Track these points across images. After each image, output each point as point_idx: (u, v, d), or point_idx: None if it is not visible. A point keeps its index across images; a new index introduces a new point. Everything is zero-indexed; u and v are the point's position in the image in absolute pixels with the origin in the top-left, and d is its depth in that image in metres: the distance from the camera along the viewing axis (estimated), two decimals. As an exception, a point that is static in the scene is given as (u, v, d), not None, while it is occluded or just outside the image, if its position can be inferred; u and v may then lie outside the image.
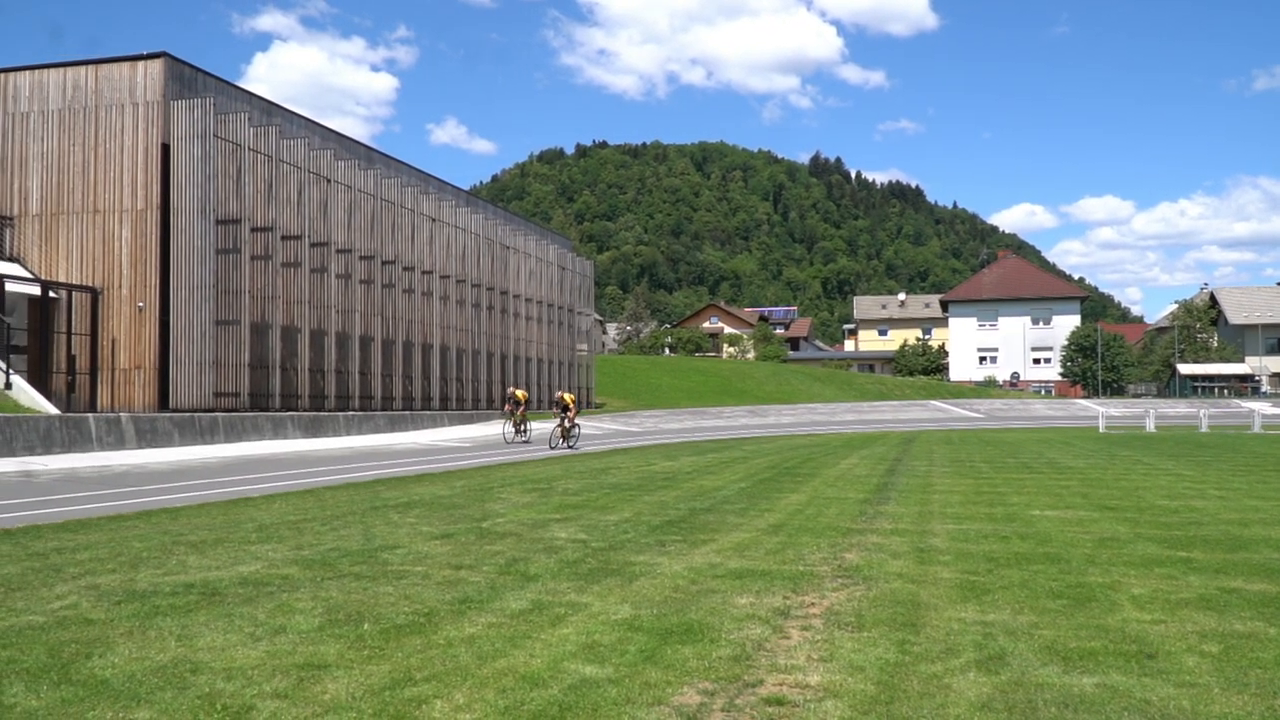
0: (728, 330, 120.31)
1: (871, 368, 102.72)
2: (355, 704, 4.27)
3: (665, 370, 76.47)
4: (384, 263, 37.72)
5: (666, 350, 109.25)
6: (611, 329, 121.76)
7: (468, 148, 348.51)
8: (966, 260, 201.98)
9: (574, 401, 28.21)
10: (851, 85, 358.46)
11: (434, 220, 41.53)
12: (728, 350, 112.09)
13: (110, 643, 5.25)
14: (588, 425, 41.08)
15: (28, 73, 30.50)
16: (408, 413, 37.19)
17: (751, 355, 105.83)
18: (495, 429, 37.00)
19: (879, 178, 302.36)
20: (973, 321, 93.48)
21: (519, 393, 31.66)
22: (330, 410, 33.35)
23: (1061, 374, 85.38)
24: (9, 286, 27.32)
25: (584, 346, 58.69)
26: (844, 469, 18.42)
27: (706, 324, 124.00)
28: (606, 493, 13.70)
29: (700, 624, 5.72)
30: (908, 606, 6.22)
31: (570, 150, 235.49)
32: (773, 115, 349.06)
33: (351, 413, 33.56)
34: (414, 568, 7.56)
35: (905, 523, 10.36)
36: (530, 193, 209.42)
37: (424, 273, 40.65)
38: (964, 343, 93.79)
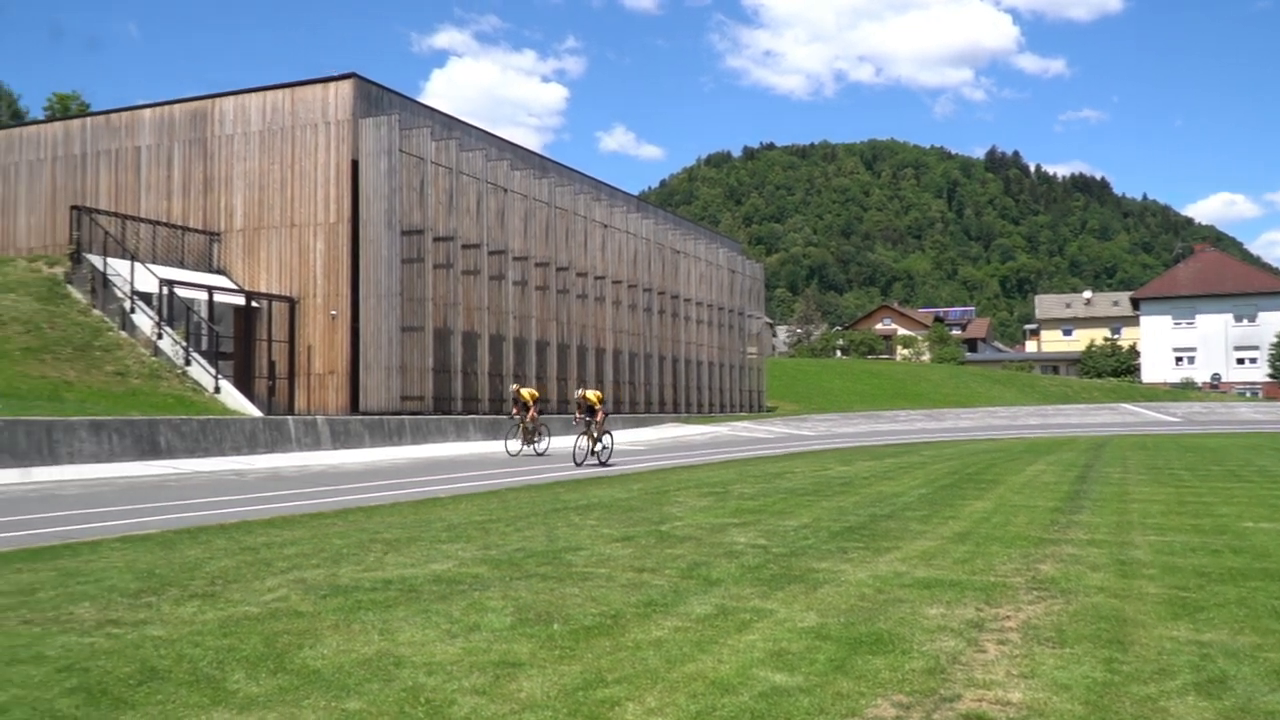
0: (901, 332, 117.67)
1: (1055, 369, 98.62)
2: (550, 703, 4.36)
3: (837, 373, 75.41)
4: (558, 269, 38.53)
5: (838, 353, 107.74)
6: (781, 331, 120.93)
7: (636, 154, 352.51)
8: (1159, 255, 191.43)
9: (601, 401, 21.87)
10: (1029, 75, 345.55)
11: (605, 226, 42.17)
12: (902, 352, 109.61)
13: (319, 635, 5.52)
14: (759, 429, 40.91)
15: (231, 98, 32.55)
16: (582, 416, 37.80)
17: (927, 357, 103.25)
18: (668, 432, 37.24)
19: (1060, 171, 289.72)
20: (1167, 320, 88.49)
21: (525, 391, 25.25)
22: (509, 413, 34.21)
23: (1270, 375, 79.80)
24: (218, 297, 29.21)
25: (754, 349, 58.46)
26: (1030, 475, 17.73)
27: (879, 325, 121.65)
28: (783, 497, 13.59)
29: (890, 634, 5.60)
30: (1112, 622, 5.92)
31: (737, 153, 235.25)
32: (945, 110, 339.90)
33: (529, 416, 34.33)
34: (598, 570, 7.68)
35: (1102, 533, 9.89)
36: (698, 197, 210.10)
37: (596, 278, 41.33)
38: (1157, 342, 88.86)
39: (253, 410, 25.37)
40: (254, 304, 30.68)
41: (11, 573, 7.29)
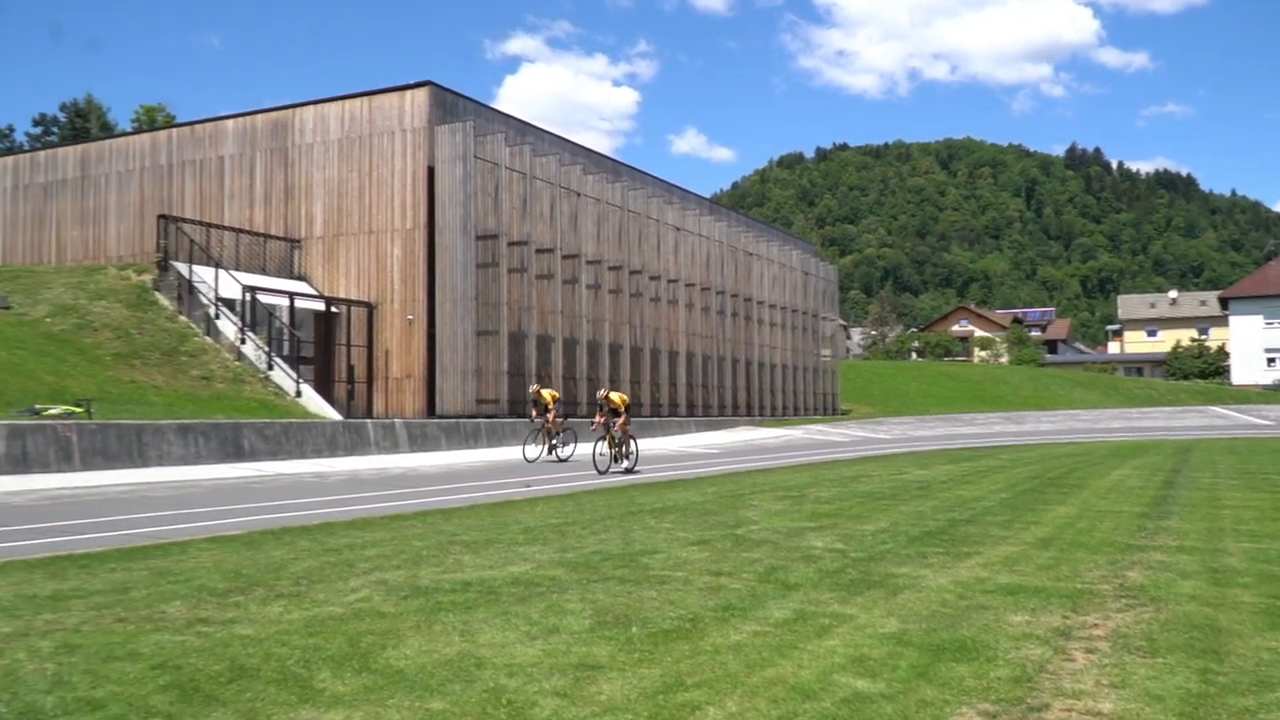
0: (979, 333, 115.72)
1: (1139, 371, 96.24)
2: (630, 706, 4.36)
3: (913, 375, 74.45)
4: (631, 272, 38.63)
5: (913, 355, 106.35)
6: (856, 334, 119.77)
7: (707, 156, 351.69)
8: (1249, 253, 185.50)
9: (625, 404, 20.31)
10: (1110, 70, 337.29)
11: (678, 229, 42.18)
12: (979, 354, 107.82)
13: (401, 635, 5.59)
14: (834, 432, 40.56)
15: (311, 107, 33.22)
16: (656, 419, 37.89)
17: (1005, 359, 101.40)
18: (742, 435, 37.12)
19: (1143, 167, 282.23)
20: (1258, 320, 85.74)
21: (546, 392, 23.40)
22: (584, 416, 34.37)
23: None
24: (298, 303, 29.83)
25: (828, 352, 57.99)
26: (1115, 480, 17.31)
27: (956, 327, 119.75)
28: (860, 501, 13.44)
29: (974, 641, 5.50)
30: (1206, 631, 5.75)
31: (810, 154, 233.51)
32: (1023, 107, 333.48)
33: (602, 419, 34.49)
34: (674, 573, 7.67)
35: (1192, 539, 9.61)
36: (770, 198, 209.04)
37: (669, 281, 41.35)
38: (1248, 343, 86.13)
39: (332, 414, 25.83)
40: (333, 309, 31.26)
41: (106, 571, 7.51)
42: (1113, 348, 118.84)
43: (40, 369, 22.70)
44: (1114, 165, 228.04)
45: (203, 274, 28.59)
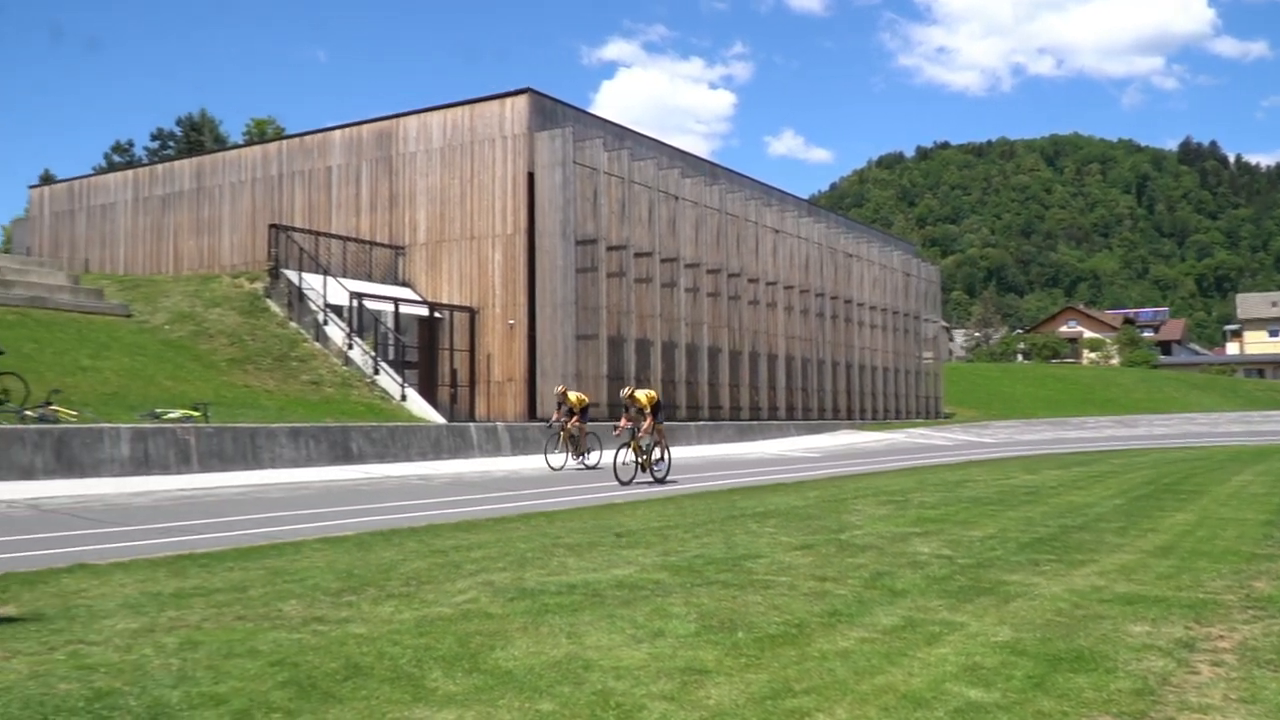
0: (1087, 334, 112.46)
1: (1261, 373, 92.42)
2: (739, 711, 4.34)
3: (1018, 378, 72.73)
4: (729, 275, 38.53)
5: (1019, 357, 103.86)
6: (959, 336, 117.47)
7: (804, 158, 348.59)
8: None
9: (653, 403, 18.00)
10: (1226, 60, 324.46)
11: (776, 231, 41.94)
12: (1088, 356, 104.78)
13: (509, 636, 5.66)
14: (937, 435, 39.83)
15: (414, 117, 33.92)
16: (755, 422, 37.72)
17: (1116, 361, 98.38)
18: (842, 439, 36.72)
19: (1264, 160, 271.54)
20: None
21: (573, 395, 21.84)
22: (682, 420, 34.42)
23: None
24: (403, 309, 30.47)
25: (930, 354, 56.99)
26: (1236, 486, 16.64)
27: (1063, 328, 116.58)
28: (966, 506, 13.17)
29: (1092, 652, 5.34)
30: (1341, 645, 5.49)
31: (910, 153, 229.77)
32: (1133, 100, 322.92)
33: (702, 422, 34.50)
34: (778, 578, 7.61)
35: (1322, 548, 9.19)
36: (869, 199, 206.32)
37: (768, 284, 41.13)
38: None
39: (437, 417, 26.30)
40: (436, 314, 31.85)
41: (225, 570, 7.76)
42: (1231, 348, 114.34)
43: (160, 374, 23.59)
44: (1231, 159, 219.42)
45: (312, 281, 29.38)
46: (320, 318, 28.66)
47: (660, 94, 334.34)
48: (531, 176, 31.43)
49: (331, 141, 36.04)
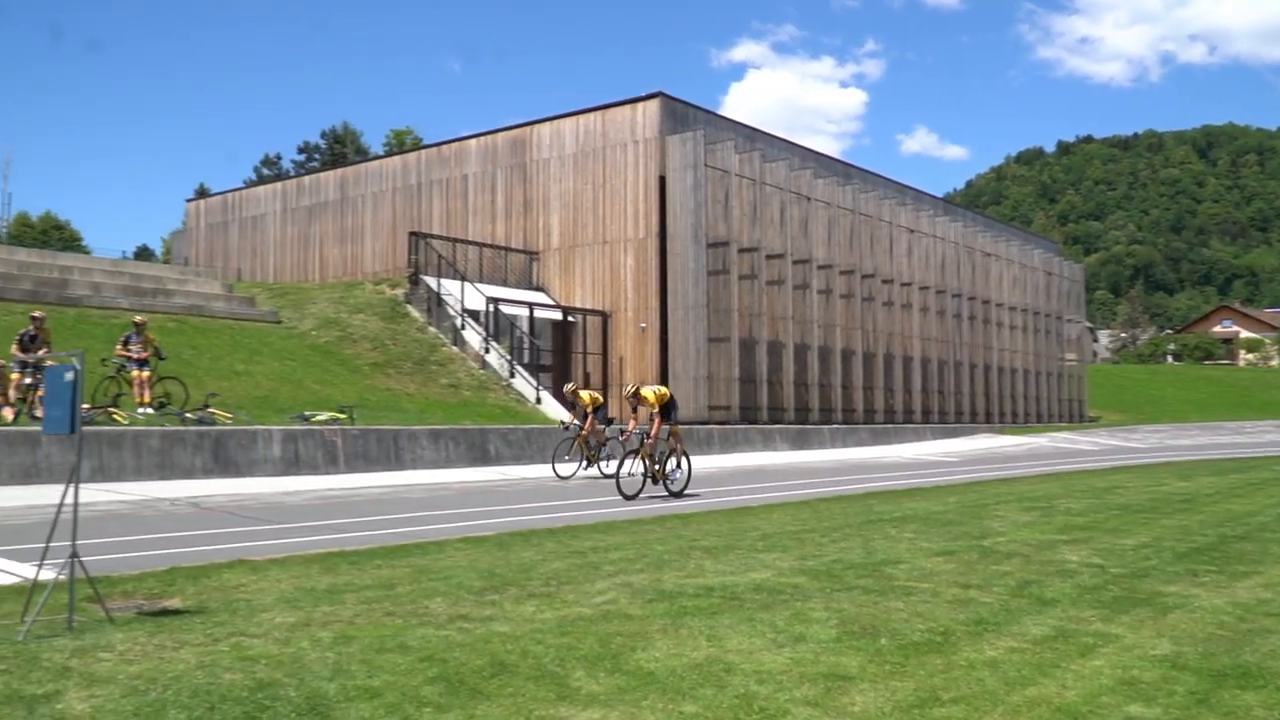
0: (1244, 334, 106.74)
1: None
2: (884, 718, 4.27)
3: (1168, 380, 69.63)
4: (863, 276, 37.95)
5: (1169, 358, 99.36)
6: (1103, 336, 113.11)
7: (939, 155, 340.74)
8: None
9: (664, 402, 15.90)
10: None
11: (911, 231, 41.13)
12: (1245, 357, 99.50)
13: (649, 638, 5.69)
14: (1082, 440, 38.43)
15: (547, 124, 34.47)
16: (890, 426, 37.06)
17: (1276, 362, 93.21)
18: (981, 443, 35.78)
19: None
20: None
21: (586, 394, 20.03)
22: (815, 423, 34.07)
23: None
24: (537, 313, 30.99)
25: (1073, 356, 55.01)
26: None
27: (1217, 328, 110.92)
28: (1116, 514, 12.68)
29: (1259, 668, 5.07)
30: None
31: (1050, 148, 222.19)
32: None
33: (835, 425, 34.08)
34: (920, 584, 7.46)
35: None
36: (1007, 196, 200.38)
37: (902, 284, 40.37)
38: None
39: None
40: (570, 318, 32.27)
41: (373, 568, 8.02)
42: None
43: (308, 378, 24.52)
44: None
45: (449, 287, 30.12)
46: (458, 322, 29.36)
47: (790, 94, 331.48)
48: (663, 180, 31.57)
49: (468, 150, 36.90)
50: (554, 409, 27.11)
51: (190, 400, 18.79)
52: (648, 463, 15.42)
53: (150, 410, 17.98)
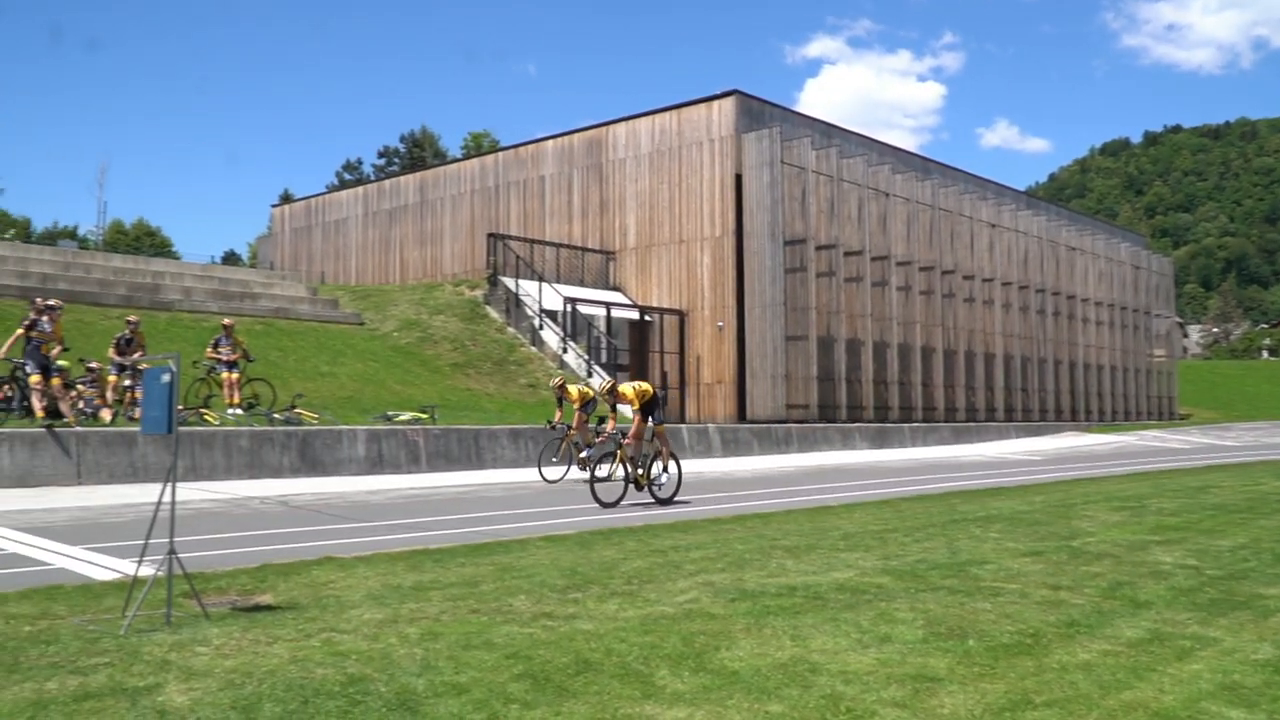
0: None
1: None
2: (975, 722, 4.20)
3: (1263, 376, 67.43)
4: (943, 272, 37.41)
5: (1264, 354, 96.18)
6: (1194, 332, 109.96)
7: (1020, 148, 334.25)
8: None
9: (645, 400, 14.24)
10: None
11: (993, 226, 40.42)
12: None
13: (732, 637, 5.67)
14: (1172, 438, 37.40)
15: (623, 124, 34.58)
16: (972, 424, 36.46)
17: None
18: (1066, 441, 35.05)
19: None
20: None
21: (574, 389, 17.67)
22: (895, 421, 33.67)
23: None
24: (614, 313, 31.10)
25: (1162, 352, 53.56)
26: None
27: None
28: (1210, 514, 12.30)
29: (1371, 674, 4.88)
30: None
31: (1137, 139, 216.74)
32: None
33: (915, 424, 33.64)
34: (1008, 585, 7.32)
35: None
36: (1092, 189, 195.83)
37: (984, 280, 39.70)
38: None
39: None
40: (646, 318, 32.33)
41: (457, 566, 8.12)
42: None
43: (390, 379, 24.94)
44: None
45: (527, 287, 30.39)
46: (536, 322, 29.60)
47: (866, 89, 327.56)
48: (739, 178, 31.47)
49: (544, 151, 37.19)
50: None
51: (278, 401, 19.23)
52: (629, 467, 13.84)
53: (240, 411, 18.43)
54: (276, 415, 18.44)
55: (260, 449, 16.44)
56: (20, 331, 15.40)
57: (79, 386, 16.71)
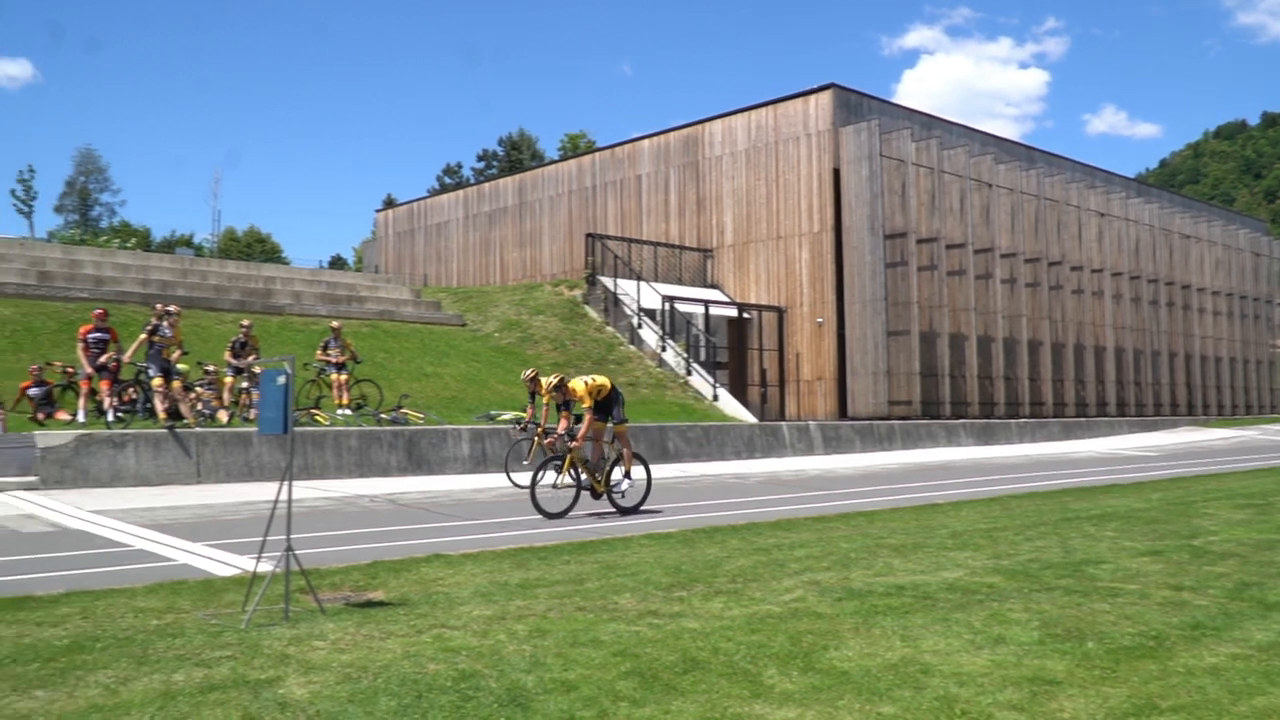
0: None
1: None
2: (1097, 727, 4.08)
3: (1397, 366, 64.00)
4: (1050, 264, 36.45)
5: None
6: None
7: (1129, 134, 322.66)
8: None
9: (601, 397, 12.50)
10: None
11: (1101, 215, 39.23)
12: None
13: (840, 637, 5.60)
14: (1298, 432, 35.81)
15: (719, 121, 34.48)
16: (1082, 419, 35.45)
17: None
18: (1183, 436, 33.86)
19: None
20: None
21: (545, 380, 13.65)
22: (1001, 418, 32.93)
23: None
24: (712, 310, 31.04)
25: (1287, 342, 51.31)
26: None
27: None
28: (1343, 512, 11.73)
29: None
30: None
31: (1254, 120, 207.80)
32: None
33: (1022, 420, 32.85)
34: (1126, 585, 7.09)
35: None
36: (1206, 174, 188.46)
37: (1093, 271, 38.57)
38: None
39: (748, 417, 26.56)
40: (745, 315, 32.19)
41: (562, 563, 8.19)
42: None
43: (492, 379, 25.28)
44: None
45: (625, 286, 30.51)
46: (634, 321, 29.70)
47: (966, 78, 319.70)
48: (837, 173, 31.12)
49: (640, 151, 37.29)
50: (731, 406, 27.11)
51: (385, 401, 19.65)
52: (576, 473, 12.27)
53: (348, 411, 18.89)
54: (384, 415, 18.84)
55: (369, 448, 16.83)
56: (143, 337, 16.03)
57: (198, 389, 17.31)
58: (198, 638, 5.58)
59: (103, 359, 16.23)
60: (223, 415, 17.40)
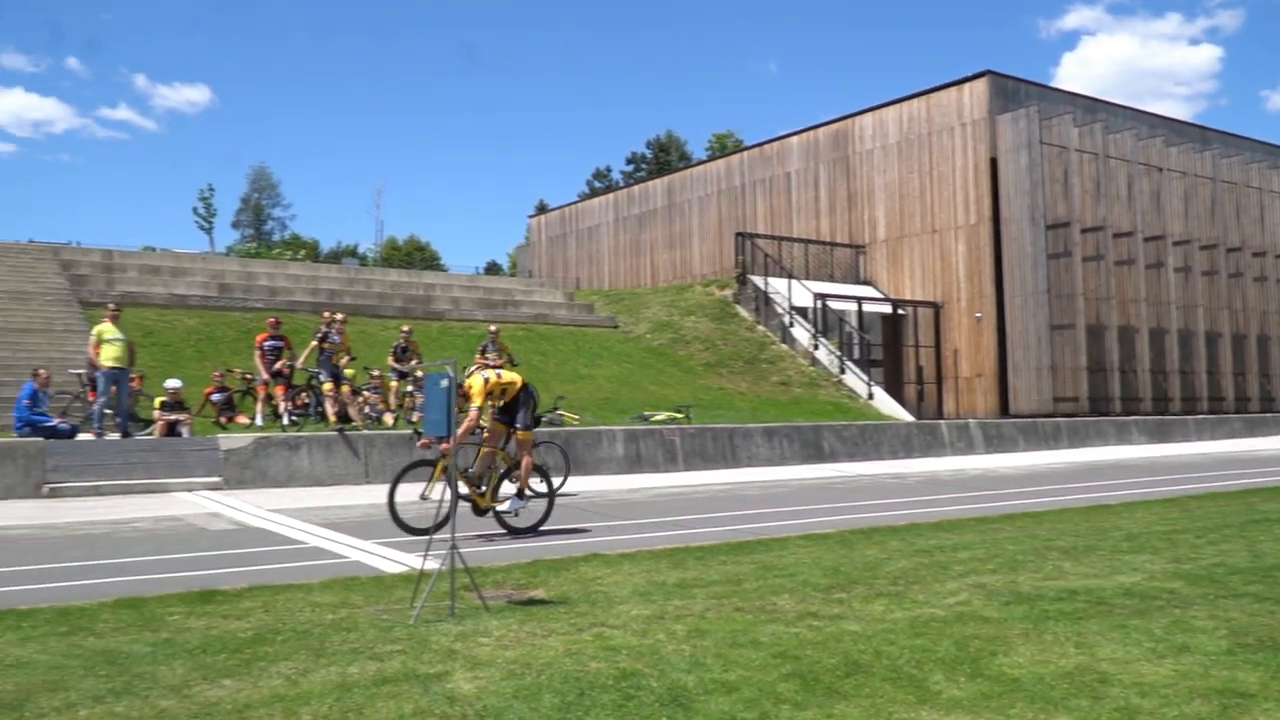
0: None
1: None
2: (1296, 744, 3.81)
3: None
4: (1228, 250, 34.48)
5: None
6: None
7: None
8: None
9: (502, 395, 10.46)
10: None
11: (1286, 197, 36.87)
12: None
13: (1009, 642, 5.40)
14: None
15: (869, 114, 33.89)
16: (1267, 415, 33.43)
17: None
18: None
19: None
20: None
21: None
22: (1176, 414, 31.32)
23: None
24: (865, 307, 30.52)
25: None
26: None
27: None
28: None
29: None
30: None
31: None
32: None
33: (1200, 416, 31.16)
34: (1324, 592, 6.62)
35: None
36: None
37: (1276, 256, 36.29)
38: None
39: (904, 415, 26.01)
40: (899, 311, 31.52)
41: (718, 564, 8.17)
42: None
43: (644, 380, 25.48)
44: None
45: (776, 285, 30.29)
46: (786, 320, 29.46)
47: (1130, 58, 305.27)
48: (994, 162, 30.16)
49: (789, 148, 36.97)
50: (887, 404, 26.60)
51: (541, 403, 20.00)
52: (457, 484, 8.48)
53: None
54: (541, 416, 19.18)
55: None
56: (314, 344, 16.78)
57: (365, 392, 18.00)
58: (370, 632, 5.78)
59: (278, 365, 17.08)
60: (388, 418, 18.03)
